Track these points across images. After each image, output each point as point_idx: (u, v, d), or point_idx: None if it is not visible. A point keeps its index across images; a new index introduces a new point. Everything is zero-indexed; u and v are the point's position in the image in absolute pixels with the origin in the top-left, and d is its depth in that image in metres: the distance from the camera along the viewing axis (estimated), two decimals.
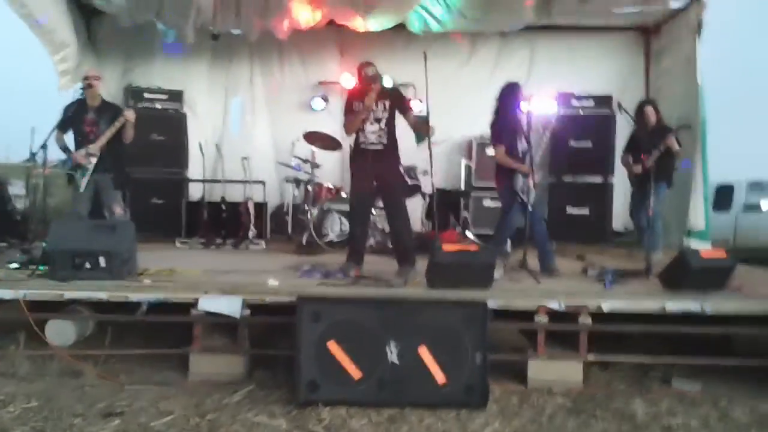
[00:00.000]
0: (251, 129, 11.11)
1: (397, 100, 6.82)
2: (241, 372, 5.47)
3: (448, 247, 5.89)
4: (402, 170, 7.50)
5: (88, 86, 7.08)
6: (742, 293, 6.03)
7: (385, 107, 6.72)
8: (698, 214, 9.39)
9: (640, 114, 8.26)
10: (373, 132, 6.72)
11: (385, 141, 6.74)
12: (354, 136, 6.85)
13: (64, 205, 9.46)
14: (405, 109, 6.81)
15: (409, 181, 8.85)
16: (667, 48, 10.48)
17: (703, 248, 7.58)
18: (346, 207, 8.68)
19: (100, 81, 7.44)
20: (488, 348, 4.94)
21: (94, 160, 7.06)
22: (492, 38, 10.97)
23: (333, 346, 4.85)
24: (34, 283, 5.77)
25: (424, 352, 4.87)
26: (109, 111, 7.31)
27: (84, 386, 5.19)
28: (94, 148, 7.08)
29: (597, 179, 10.24)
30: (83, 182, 7.05)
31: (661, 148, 7.82)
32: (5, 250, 7.77)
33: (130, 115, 7.17)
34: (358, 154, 6.88)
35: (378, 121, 6.71)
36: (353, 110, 6.74)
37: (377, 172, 6.79)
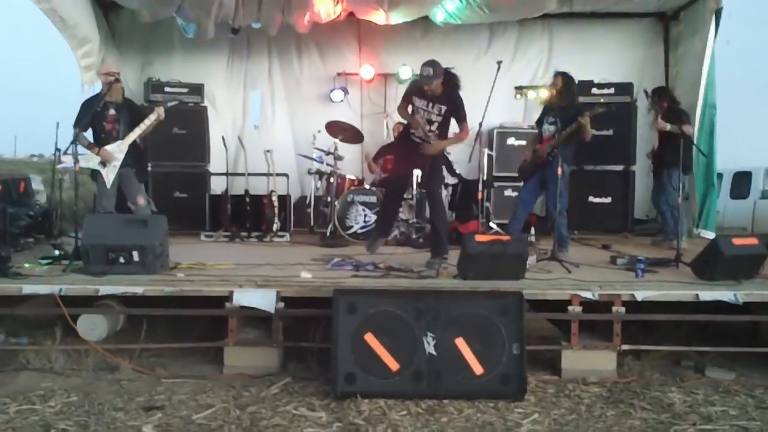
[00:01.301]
0: (271, 122, 11.10)
1: (454, 109, 6.63)
2: (275, 364, 5.51)
3: (480, 238, 5.90)
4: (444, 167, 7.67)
5: (115, 81, 7.07)
6: None
7: (440, 112, 6.61)
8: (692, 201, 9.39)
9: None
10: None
11: (433, 137, 6.64)
12: (406, 126, 6.99)
13: (89, 200, 9.52)
14: (460, 119, 6.69)
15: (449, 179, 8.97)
16: (686, 34, 10.42)
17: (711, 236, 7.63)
18: (369, 198, 8.72)
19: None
20: (524, 338, 4.96)
21: (121, 157, 7.05)
22: (510, 27, 10.93)
23: (370, 338, 4.88)
24: (69, 278, 5.80)
25: (460, 343, 4.89)
26: (128, 107, 7.31)
27: (121, 380, 5.25)
28: (124, 144, 7.07)
29: (618, 167, 10.19)
30: (110, 178, 7.04)
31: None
32: (32, 245, 7.81)
33: (162, 111, 7.16)
34: (406, 138, 6.95)
35: (430, 123, 6.64)
36: (410, 102, 6.75)
37: (422, 160, 6.82)
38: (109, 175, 7.03)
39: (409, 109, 6.75)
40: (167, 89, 10.10)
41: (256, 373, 5.38)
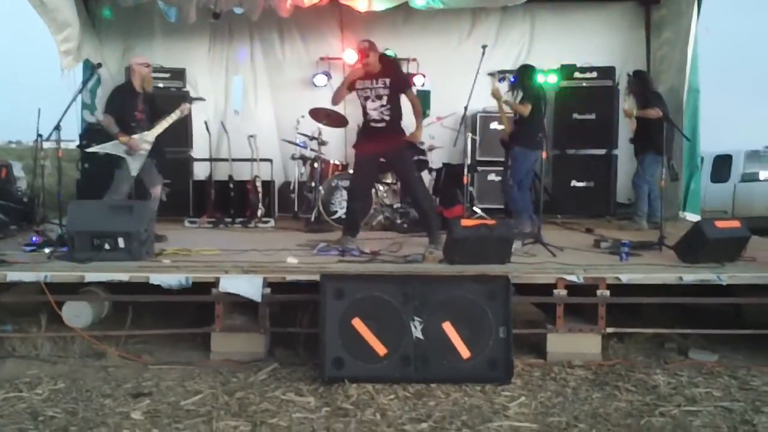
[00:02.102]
0: (254, 107, 11.04)
1: (395, 78, 6.85)
2: (262, 350, 5.52)
3: (466, 222, 5.91)
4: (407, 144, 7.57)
5: (149, 72, 7.41)
6: (756, 263, 6.08)
7: (385, 84, 6.75)
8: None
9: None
10: (374, 109, 6.81)
11: (387, 117, 6.80)
12: (362, 115, 7.00)
13: (71, 187, 9.46)
14: (407, 86, 6.95)
15: (416, 157, 8.86)
16: (668, 18, 10.47)
17: (696, 219, 7.72)
18: None
19: None
20: (511, 322, 4.99)
21: (148, 147, 7.21)
22: (493, 12, 10.91)
23: (358, 323, 4.89)
24: (54, 265, 5.76)
25: (448, 327, 4.91)
26: (152, 99, 7.53)
27: (108, 367, 5.24)
28: (151, 136, 7.23)
29: (601, 151, 10.25)
30: (135, 167, 7.16)
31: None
32: (15, 232, 7.75)
33: (187, 108, 7.54)
34: (363, 131, 7.12)
35: (379, 98, 6.77)
36: (352, 88, 6.91)
37: (383, 149, 6.90)
38: (135, 164, 7.16)
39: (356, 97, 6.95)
40: None
41: (244, 359, 5.38)
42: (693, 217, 9.24)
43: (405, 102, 6.91)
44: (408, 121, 7.02)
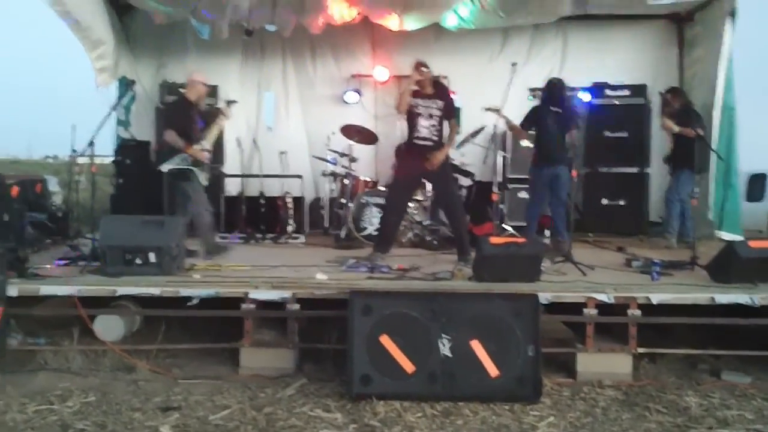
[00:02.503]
0: (285, 123, 11.10)
1: (447, 104, 7.12)
2: (290, 366, 5.54)
3: (495, 240, 5.90)
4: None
5: (205, 90, 7.80)
6: None
7: (439, 107, 7.03)
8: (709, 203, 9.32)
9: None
10: (426, 127, 7.01)
11: (436, 138, 7.03)
12: (408, 131, 7.16)
13: (105, 201, 9.58)
14: (451, 115, 7.17)
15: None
16: (701, 36, 10.35)
17: (737, 238, 7.60)
18: (383, 200, 8.72)
19: None
20: (540, 341, 4.96)
21: (209, 156, 7.54)
22: (524, 30, 10.85)
23: (385, 340, 4.89)
24: (86, 279, 5.84)
25: (476, 345, 4.90)
26: (203, 114, 7.80)
27: (138, 381, 5.29)
28: (207, 145, 7.51)
29: (633, 170, 10.16)
30: (205, 176, 7.43)
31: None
32: (50, 246, 7.85)
33: (229, 113, 7.92)
34: (409, 147, 7.21)
35: (431, 117, 7.01)
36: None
37: (427, 167, 7.00)
38: (203, 174, 7.40)
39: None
40: (182, 91, 10.14)
41: (272, 374, 5.41)
42: (731, 237, 9.08)
43: None
44: None
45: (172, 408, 4.72)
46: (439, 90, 7.18)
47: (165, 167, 7.21)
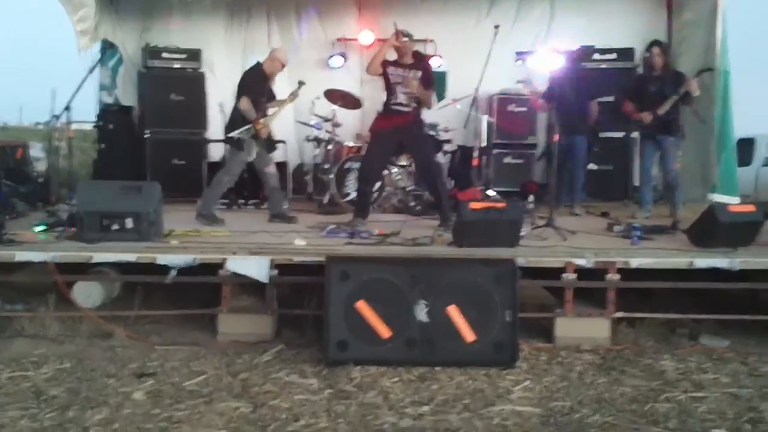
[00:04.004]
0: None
1: (427, 74, 7.13)
2: (269, 332, 5.52)
3: (475, 205, 5.86)
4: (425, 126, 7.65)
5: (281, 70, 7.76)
6: None
7: (416, 76, 6.99)
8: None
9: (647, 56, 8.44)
10: (404, 93, 7.00)
11: (414, 104, 7.07)
12: (386, 97, 7.16)
13: (85, 167, 9.50)
14: (431, 85, 7.16)
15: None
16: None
17: (731, 202, 7.57)
18: None
19: None
20: (517, 306, 4.95)
21: (269, 132, 7.54)
22: None
23: (362, 306, 4.87)
24: (62, 245, 5.78)
25: (453, 311, 4.88)
26: (271, 91, 7.79)
27: (115, 347, 5.26)
28: (272, 120, 7.54)
29: (619, 134, 10.11)
30: (254, 152, 7.43)
31: (681, 92, 7.76)
32: (30, 212, 7.79)
33: (298, 92, 7.82)
34: (385, 115, 7.24)
35: (410, 86, 6.98)
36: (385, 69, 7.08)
37: (403, 134, 7.08)
38: (254, 149, 7.40)
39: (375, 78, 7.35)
40: (165, 55, 10.05)
41: (250, 340, 5.39)
42: (726, 200, 8.98)
43: None
44: None
45: (147, 374, 4.69)
46: (418, 60, 7.18)
47: (234, 133, 7.24)
